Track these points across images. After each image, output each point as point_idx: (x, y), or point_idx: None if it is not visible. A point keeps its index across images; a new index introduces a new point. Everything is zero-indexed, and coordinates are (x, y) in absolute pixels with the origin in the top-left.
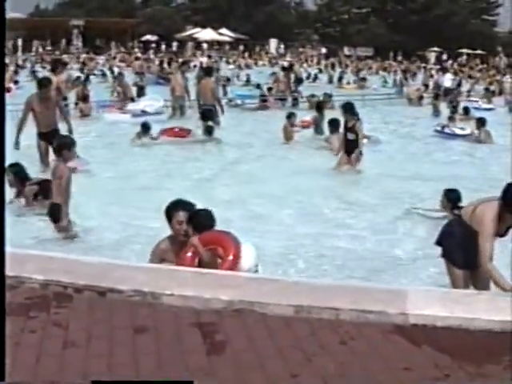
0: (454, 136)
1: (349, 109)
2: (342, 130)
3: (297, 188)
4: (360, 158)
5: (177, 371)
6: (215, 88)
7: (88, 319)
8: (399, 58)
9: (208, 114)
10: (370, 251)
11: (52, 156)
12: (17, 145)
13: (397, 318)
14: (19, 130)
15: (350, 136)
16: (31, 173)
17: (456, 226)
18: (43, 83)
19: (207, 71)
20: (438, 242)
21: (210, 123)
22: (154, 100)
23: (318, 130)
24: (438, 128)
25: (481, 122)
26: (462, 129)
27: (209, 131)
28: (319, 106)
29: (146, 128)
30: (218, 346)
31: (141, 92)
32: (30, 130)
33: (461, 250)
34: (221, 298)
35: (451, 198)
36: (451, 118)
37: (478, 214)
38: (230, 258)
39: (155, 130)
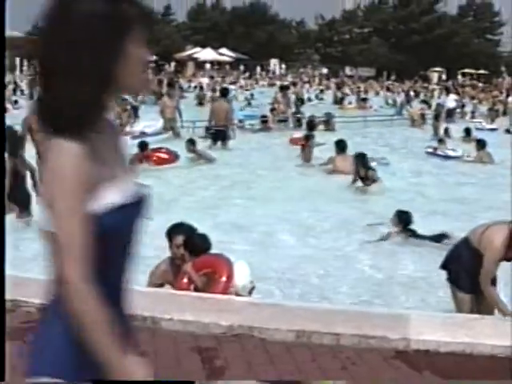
0: (446, 158)
1: (361, 159)
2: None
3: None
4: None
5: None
6: (230, 109)
7: None
8: (401, 78)
9: (222, 135)
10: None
11: None
12: None
13: (398, 344)
14: None
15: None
16: None
17: (463, 250)
18: None
19: (223, 93)
20: (444, 266)
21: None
22: (153, 121)
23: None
24: (430, 150)
25: (481, 144)
26: (453, 150)
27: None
28: (310, 126)
29: (142, 147)
30: (217, 371)
31: (135, 113)
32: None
33: (467, 274)
34: (220, 323)
35: (402, 218)
36: (441, 141)
37: (487, 236)
38: (223, 279)
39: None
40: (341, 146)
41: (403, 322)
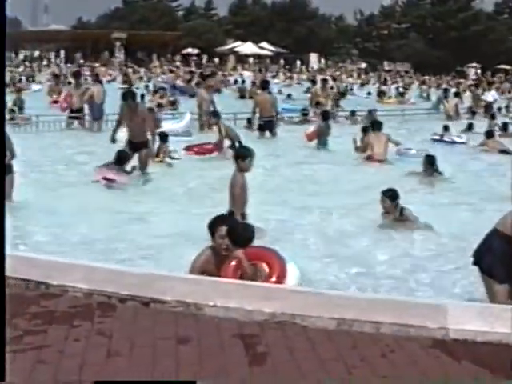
0: (453, 143)
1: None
2: None
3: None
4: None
5: (219, 382)
6: (275, 101)
7: (132, 329)
8: (438, 73)
9: (270, 125)
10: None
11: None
12: (113, 140)
13: (437, 333)
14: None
15: None
16: None
17: (495, 240)
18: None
19: (264, 85)
20: (475, 261)
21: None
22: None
23: (322, 141)
24: (436, 137)
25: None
26: (459, 137)
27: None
28: (325, 116)
29: (164, 138)
30: (259, 357)
31: (173, 106)
32: None
33: (502, 263)
34: (263, 310)
35: (388, 195)
36: (446, 128)
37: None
38: (274, 278)
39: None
40: (377, 126)
41: (441, 311)
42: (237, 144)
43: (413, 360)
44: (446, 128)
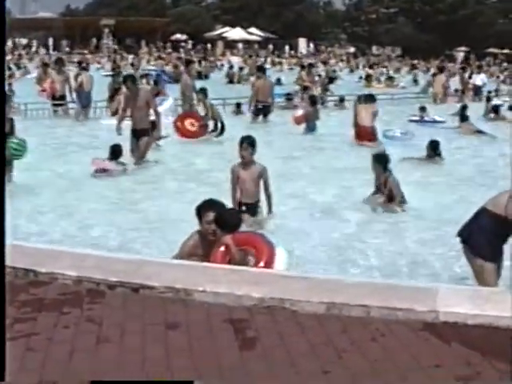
0: (434, 123)
1: (379, 162)
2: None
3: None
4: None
5: (209, 367)
6: (272, 86)
7: (121, 315)
8: (427, 57)
9: (266, 110)
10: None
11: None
12: (119, 130)
13: (427, 316)
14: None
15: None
16: None
17: (483, 219)
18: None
19: (262, 70)
20: (464, 239)
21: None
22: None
23: (310, 125)
24: (414, 118)
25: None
26: (438, 116)
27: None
28: (313, 100)
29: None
30: (249, 342)
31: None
32: None
33: (490, 242)
34: (252, 295)
35: (378, 160)
36: (423, 109)
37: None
38: (263, 263)
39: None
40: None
41: (431, 294)
42: (219, 124)
43: (403, 343)
44: (422, 109)
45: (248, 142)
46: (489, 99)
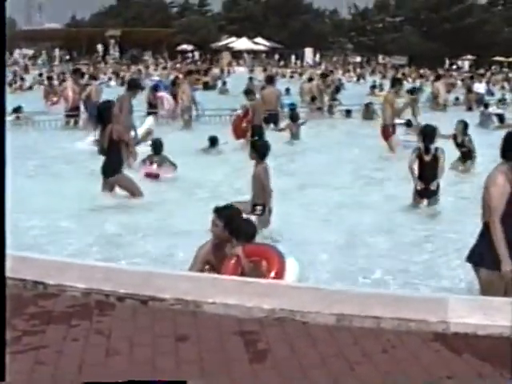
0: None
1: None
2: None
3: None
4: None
5: (220, 379)
6: (280, 95)
7: (130, 327)
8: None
9: (273, 119)
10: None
11: None
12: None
13: (438, 327)
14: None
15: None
16: None
17: (481, 230)
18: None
19: (270, 80)
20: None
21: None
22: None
23: (294, 135)
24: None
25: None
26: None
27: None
28: (293, 117)
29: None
30: (260, 354)
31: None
32: None
33: (490, 250)
34: (263, 307)
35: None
36: (408, 124)
37: (487, 182)
38: (273, 274)
39: None
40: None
41: (441, 305)
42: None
43: (414, 355)
44: (408, 124)
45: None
46: (486, 106)
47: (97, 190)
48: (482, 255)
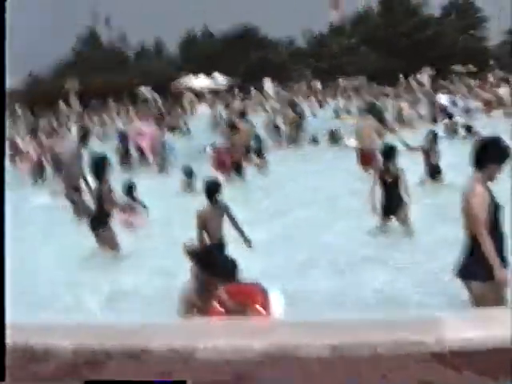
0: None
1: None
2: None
3: None
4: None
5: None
6: (253, 133)
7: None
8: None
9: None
10: None
11: None
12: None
13: (434, 346)
14: None
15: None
16: None
17: (466, 243)
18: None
19: (242, 115)
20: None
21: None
22: None
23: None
24: None
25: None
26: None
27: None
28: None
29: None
30: None
31: None
32: None
33: (478, 262)
34: (253, 348)
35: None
36: None
37: (466, 194)
38: (259, 311)
39: None
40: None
41: (436, 324)
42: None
43: (414, 378)
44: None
45: None
46: (450, 117)
47: None
48: (471, 269)
